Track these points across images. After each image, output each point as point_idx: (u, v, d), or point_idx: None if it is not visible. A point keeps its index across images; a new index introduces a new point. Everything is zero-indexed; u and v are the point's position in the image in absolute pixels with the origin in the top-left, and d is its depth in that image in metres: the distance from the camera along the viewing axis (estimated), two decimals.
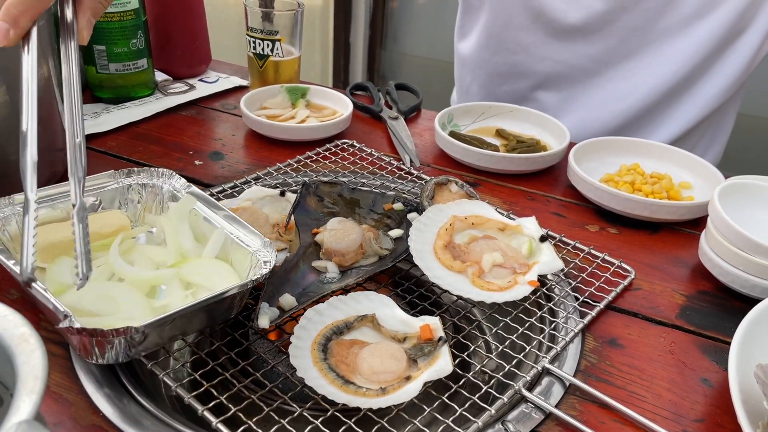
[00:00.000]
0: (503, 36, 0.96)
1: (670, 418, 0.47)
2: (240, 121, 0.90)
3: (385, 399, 0.45)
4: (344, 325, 0.51)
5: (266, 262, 0.50)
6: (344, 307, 0.53)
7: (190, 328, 0.49)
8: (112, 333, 0.41)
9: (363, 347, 0.50)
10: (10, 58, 0.60)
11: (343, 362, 0.48)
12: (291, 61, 0.95)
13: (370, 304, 0.53)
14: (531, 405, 0.48)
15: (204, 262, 0.53)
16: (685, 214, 0.70)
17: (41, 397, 0.33)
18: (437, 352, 0.49)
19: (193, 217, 0.57)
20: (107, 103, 0.91)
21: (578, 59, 0.93)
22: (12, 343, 0.37)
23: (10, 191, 0.65)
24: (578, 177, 0.73)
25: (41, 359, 0.36)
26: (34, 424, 0.30)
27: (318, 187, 0.66)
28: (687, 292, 0.61)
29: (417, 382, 0.46)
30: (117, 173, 0.60)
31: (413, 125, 0.93)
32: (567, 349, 0.53)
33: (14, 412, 0.33)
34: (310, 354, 0.48)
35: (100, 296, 0.48)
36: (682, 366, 0.52)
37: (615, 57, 0.92)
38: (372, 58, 2.49)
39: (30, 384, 0.34)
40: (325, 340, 0.49)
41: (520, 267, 0.59)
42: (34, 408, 0.33)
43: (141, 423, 0.44)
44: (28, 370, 0.35)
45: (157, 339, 0.46)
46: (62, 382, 0.47)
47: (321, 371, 0.47)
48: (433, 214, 0.63)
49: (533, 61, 0.96)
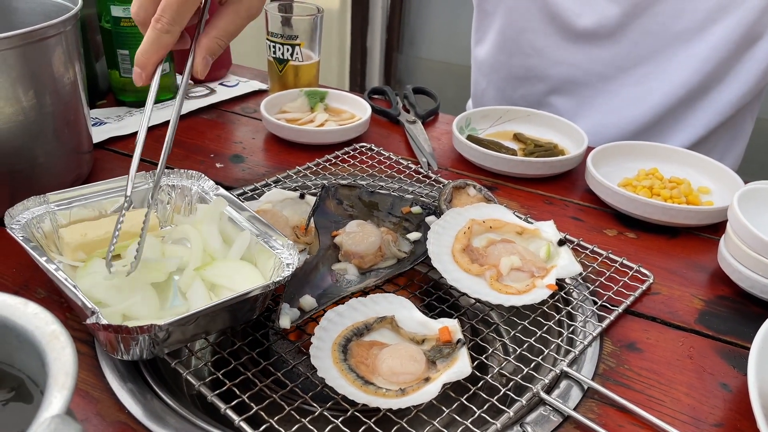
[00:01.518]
0: (518, 39, 0.97)
1: (689, 423, 0.47)
2: (260, 125, 0.91)
3: (405, 400, 0.45)
4: (364, 326, 0.52)
5: (288, 264, 0.50)
6: (364, 309, 0.53)
7: (212, 327, 0.50)
8: (136, 330, 0.42)
9: (382, 348, 0.50)
10: (38, 64, 0.62)
11: (362, 363, 0.49)
12: (310, 65, 0.96)
13: (389, 306, 0.54)
14: (549, 408, 0.48)
15: (228, 263, 0.54)
16: (704, 219, 0.70)
17: (72, 392, 0.34)
18: (456, 354, 0.49)
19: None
20: (130, 106, 0.92)
21: (593, 63, 0.93)
22: (43, 341, 0.38)
23: (38, 193, 0.67)
24: (597, 181, 0.74)
25: (71, 356, 0.37)
26: (66, 419, 0.31)
27: (337, 190, 0.67)
28: (706, 297, 0.61)
29: (436, 383, 0.46)
30: (148, 174, 0.61)
31: (431, 129, 0.94)
32: (585, 352, 0.53)
33: (46, 407, 0.33)
34: (330, 355, 0.49)
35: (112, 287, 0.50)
36: (701, 370, 0.52)
37: (629, 61, 0.92)
38: (389, 62, 2.50)
39: (61, 380, 0.35)
40: (345, 341, 0.50)
41: (538, 270, 0.59)
42: (65, 403, 0.33)
43: (165, 420, 0.45)
44: (59, 366, 0.36)
45: (180, 337, 0.47)
46: (88, 380, 0.48)
47: (341, 372, 0.47)
48: (451, 217, 0.64)
49: (548, 65, 0.96)
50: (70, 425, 0.30)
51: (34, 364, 0.39)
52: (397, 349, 0.49)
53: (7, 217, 0.52)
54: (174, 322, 0.44)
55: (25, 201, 0.55)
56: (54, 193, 0.56)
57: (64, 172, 0.69)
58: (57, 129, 0.66)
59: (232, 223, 0.58)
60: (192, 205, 0.61)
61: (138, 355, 0.46)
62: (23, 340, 0.39)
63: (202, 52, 0.52)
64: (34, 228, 0.54)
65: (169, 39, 0.50)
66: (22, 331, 0.39)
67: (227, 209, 0.58)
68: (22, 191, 0.65)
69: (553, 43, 0.94)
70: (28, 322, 0.39)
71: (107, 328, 0.42)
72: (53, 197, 0.56)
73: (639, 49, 0.89)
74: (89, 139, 0.74)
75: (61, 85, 0.65)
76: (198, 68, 0.52)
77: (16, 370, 0.40)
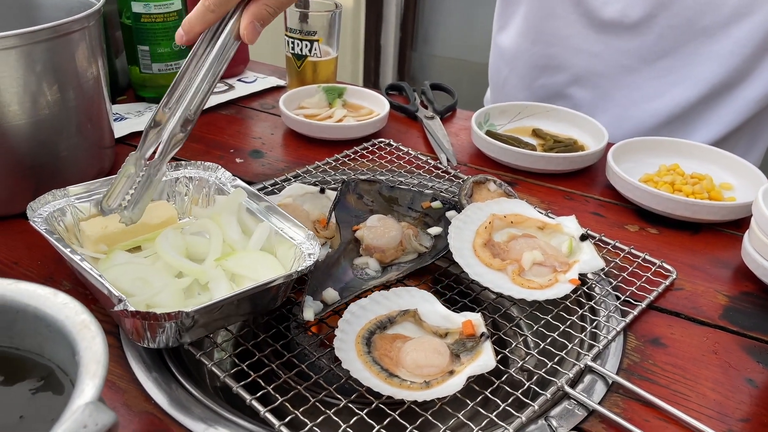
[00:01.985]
0: (542, 27, 0.96)
1: (715, 418, 0.47)
2: (278, 121, 0.91)
3: (430, 392, 0.45)
4: (387, 319, 0.52)
5: (310, 254, 0.51)
6: (386, 302, 0.53)
7: (235, 315, 0.50)
8: (164, 317, 0.43)
9: (406, 341, 0.50)
10: (62, 59, 0.63)
11: (386, 355, 0.49)
12: (328, 61, 0.96)
13: (412, 300, 0.54)
14: (574, 402, 0.48)
15: (249, 254, 0.54)
16: (728, 215, 0.69)
17: (103, 380, 0.35)
18: (480, 347, 0.49)
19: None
20: (150, 102, 0.93)
21: (615, 54, 0.92)
22: (74, 330, 0.38)
23: (62, 184, 0.67)
24: (618, 177, 0.73)
25: (102, 345, 0.37)
26: (99, 406, 0.31)
27: (357, 185, 0.67)
28: (730, 293, 0.61)
29: (460, 376, 0.46)
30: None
31: (449, 125, 0.94)
32: (609, 347, 0.53)
33: (78, 395, 0.34)
34: (354, 347, 0.49)
35: (137, 278, 0.50)
36: (727, 366, 0.52)
37: (652, 54, 0.91)
38: (402, 59, 2.50)
39: (93, 368, 0.35)
40: (368, 333, 0.50)
41: (561, 265, 0.59)
42: (97, 391, 0.34)
43: (190, 409, 0.45)
44: (90, 355, 0.36)
45: (205, 324, 0.48)
46: (114, 370, 0.48)
47: (365, 364, 0.47)
48: (472, 212, 0.64)
49: (570, 54, 0.95)
50: (104, 412, 0.30)
51: (63, 354, 0.39)
52: (421, 342, 0.49)
53: (29, 210, 0.52)
54: (200, 309, 0.44)
55: (46, 194, 0.55)
56: (74, 186, 0.57)
57: (87, 167, 0.70)
58: (80, 124, 0.67)
59: (251, 214, 0.58)
60: (210, 197, 0.62)
61: (164, 342, 0.46)
62: (53, 330, 0.39)
63: (249, 17, 0.52)
64: (55, 221, 0.54)
65: (212, 17, 0.53)
66: (52, 321, 0.39)
67: (245, 200, 0.58)
68: (46, 185, 0.66)
69: (577, 32, 0.93)
70: (59, 311, 0.39)
71: (135, 314, 0.43)
72: (73, 190, 0.57)
73: (663, 42, 0.88)
74: (111, 134, 0.74)
75: (85, 80, 0.66)
76: (245, 32, 0.52)
77: (45, 360, 0.41)
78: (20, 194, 0.65)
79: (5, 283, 0.41)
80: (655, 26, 0.88)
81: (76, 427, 0.29)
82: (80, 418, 0.30)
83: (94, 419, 0.30)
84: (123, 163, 0.53)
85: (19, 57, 0.59)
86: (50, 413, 0.37)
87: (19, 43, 0.58)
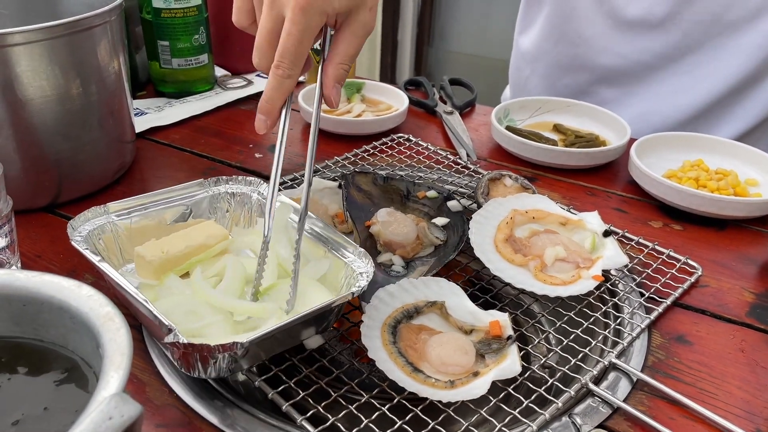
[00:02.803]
0: (565, 28, 0.95)
1: (742, 416, 0.46)
2: (297, 116, 0.91)
3: (454, 393, 0.45)
4: (414, 308, 0.51)
5: (361, 273, 0.49)
6: (414, 291, 0.53)
7: (289, 342, 0.48)
8: (218, 348, 0.41)
9: (432, 335, 0.50)
10: (84, 53, 0.63)
11: (411, 347, 0.49)
12: None
13: (440, 291, 0.53)
14: (598, 399, 0.47)
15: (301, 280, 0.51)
16: (754, 211, 0.68)
17: (128, 372, 0.35)
18: (506, 350, 0.49)
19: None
20: (169, 97, 0.93)
21: (640, 53, 0.91)
22: (98, 322, 0.38)
23: (84, 180, 0.68)
24: (641, 172, 0.72)
25: (126, 337, 0.37)
26: (125, 397, 0.31)
27: (354, 178, 0.66)
28: (757, 291, 0.60)
29: (485, 379, 0.46)
30: (206, 182, 0.59)
31: (468, 120, 0.93)
32: (633, 344, 0.52)
33: (103, 386, 0.34)
34: (380, 335, 0.48)
35: (189, 311, 0.48)
36: (754, 364, 0.51)
37: (677, 52, 0.89)
38: (419, 55, 2.49)
39: (117, 360, 0.35)
40: (395, 322, 0.50)
41: (584, 261, 0.58)
42: (122, 383, 0.34)
43: (212, 403, 0.45)
44: (114, 347, 0.36)
45: (256, 355, 0.46)
46: (137, 364, 0.49)
47: (390, 355, 0.47)
48: (493, 207, 0.63)
49: (594, 54, 0.95)
50: (129, 403, 0.30)
51: (87, 346, 0.39)
52: (449, 338, 0.49)
53: (70, 228, 0.51)
54: (254, 339, 0.41)
55: (86, 212, 0.53)
56: (114, 203, 0.54)
57: (109, 160, 0.70)
58: (102, 118, 0.67)
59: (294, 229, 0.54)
60: (251, 215, 0.59)
61: (215, 373, 0.45)
62: (77, 322, 0.40)
63: (330, 82, 0.51)
64: (96, 238, 0.52)
65: (290, 83, 0.50)
66: (77, 313, 0.40)
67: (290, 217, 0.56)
68: (69, 178, 0.66)
69: (601, 32, 0.92)
70: (83, 303, 0.40)
71: (188, 347, 0.41)
72: (113, 207, 0.54)
73: (688, 39, 0.87)
74: (132, 128, 0.75)
75: (107, 74, 0.66)
76: (330, 98, 0.51)
77: (69, 352, 0.41)
78: (43, 188, 0.65)
79: (30, 275, 0.41)
80: (680, 23, 0.87)
81: (102, 419, 0.29)
82: (106, 409, 0.30)
83: (120, 411, 0.30)
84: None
85: (42, 51, 0.59)
86: (74, 405, 0.37)
87: (42, 37, 0.58)
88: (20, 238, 0.62)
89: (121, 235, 0.54)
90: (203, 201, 0.59)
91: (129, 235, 0.55)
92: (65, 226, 0.50)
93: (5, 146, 0.61)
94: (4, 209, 0.52)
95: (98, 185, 0.70)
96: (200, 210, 0.59)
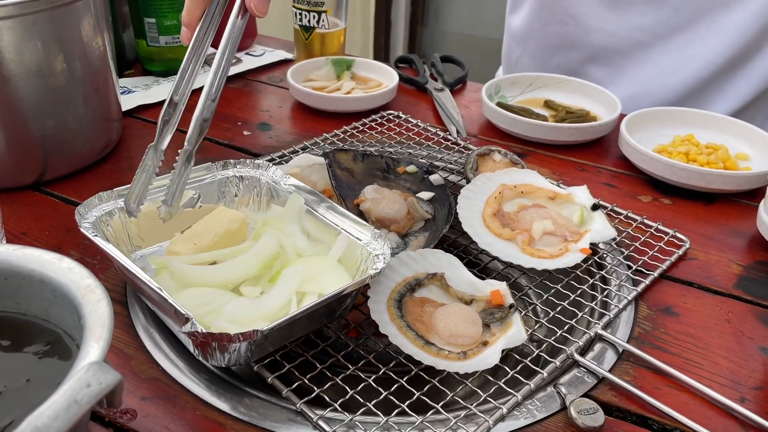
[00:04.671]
0: (554, 7, 0.94)
1: (727, 386, 0.46)
2: (286, 94, 0.90)
3: (468, 363, 0.45)
4: (415, 281, 0.51)
5: (378, 255, 0.48)
6: (413, 264, 0.53)
7: (309, 327, 0.48)
8: (238, 337, 0.40)
9: (436, 307, 0.50)
10: (67, 29, 0.62)
11: (418, 320, 0.49)
12: (337, 32, 0.95)
13: (438, 263, 0.53)
14: (583, 369, 0.47)
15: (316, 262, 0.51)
16: (743, 185, 0.68)
17: (108, 343, 0.35)
18: (510, 318, 0.49)
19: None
20: (157, 75, 0.92)
21: (630, 31, 0.91)
22: (79, 294, 0.38)
23: (70, 158, 0.67)
24: (631, 147, 0.72)
25: (107, 308, 0.37)
26: (104, 366, 0.31)
27: (335, 156, 0.65)
28: (744, 263, 0.60)
29: (494, 348, 0.46)
30: (213, 165, 0.58)
31: (459, 97, 0.92)
32: (620, 316, 0.52)
33: (83, 356, 0.34)
34: (386, 310, 0.48)
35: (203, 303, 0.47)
36: (740, 335, 0.51)
37: (668, 29, 0.89)
38: (413, 35, 2.47)
39: (98, 331, 0.35)
40: (399, 296, 0.50)
41: (572, 235, 0.58)
42: (102, 352, 0.34)
43: (198, 376, 0.45)
44: (95, 318, 0.36)
45: (276, 340, 0.46)
46: (122, 338, 0.48)
47: (400, 329, 0.47)
48: (482, 182, 0.63)
49: (584, 33, 0.94)
50: (107, 372, 0.30)
51: (69, 319, 0.39)
52: (455, 309, 0.49)
53: (78, 215, 0.49)
54: (274, 327, 0.41)
55: (93, 198, 0.51)
56: (122, 188, 0.53)
57: (94, 138, 0.69)
58: (87, 95, 0.66)
59: (310, 215, 0.55)
60: (261, 198, 0.59)
61: (234, 361, 0.44)
62: (59, 295, 0.39)
63: None
64: (103, 224, 0.51)
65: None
66: (58, 286, 0.39)
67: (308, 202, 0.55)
68: (54, 156, 0.66)
69: (590, 11, 0.91)
70: (64, 276, 0.39)
71: (207, 336, 0.40)
72: (119, 191, 0.53)
73: (679, 15, 0.86)
74: (118, 106, 0.74)
75: (90, 50, 0.65)
76: (251, 3, 0.49)
77: (52, 325, 0.41)
78: (29, 165, 0.65)
79: (11, 249, 0.41)
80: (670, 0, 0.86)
81: (80, 386, 0.29)
82: (84, 377, 0.30)
83: (98, 378, 0.30)
84: (142, 158, 0.51)
85: (24, 26, 0.58)
86: (56, 377, 0.37)
87: (19, 12, 0.57)
88: (5, 215, 0.62)
89: (128, 220, 0.53)
90: (212, 185, 0.58)
91: (137, 220, 0.53)
92: (51, 204, 0.49)
93: None
94: None
95: (84, 163, 0.69)
96: (209, 194, 0.58)
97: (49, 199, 0.65)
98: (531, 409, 0.44)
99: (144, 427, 0.42)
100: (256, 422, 0.42)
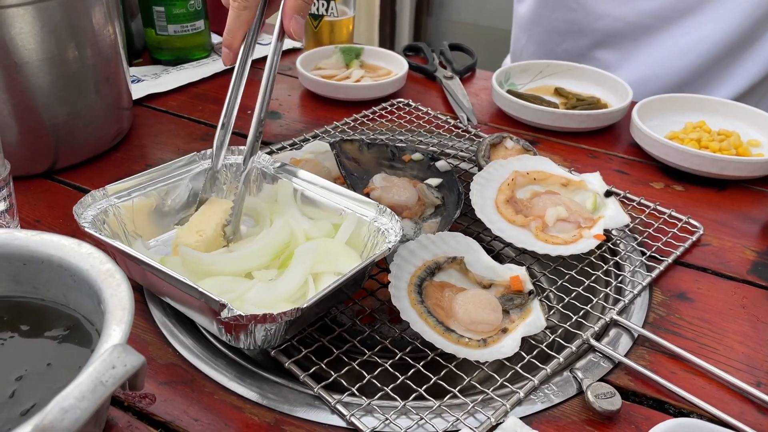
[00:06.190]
0: None
1: (743, 370, 0.46)
2: (295, 82, 0.90)
3: (489, 351, 0.45)
4: (435, 265, 0.51)
5: (388, 230, 0.49)
6: (433, 247, 0.53)
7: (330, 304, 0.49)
8: (281, 316, 0.40)
9: (455, 292, 0.50)
10: (78, 17, 0.62)
11: (438, 305, 0.49)
12: (345, 21, 0.94)
13: (458, 246, 0.53)
14: (599, 354, 0.47)
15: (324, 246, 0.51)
16: (756, 171, 0.67)
17: (130, 325, 0.35)
18: (529, 305, 0.49)
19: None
20: (166, 64, 0.92)
21: (637, 15, 0.90)
22: (99, 279, 0.38)
23: (82, 146, 0.67)
24: (643, 134, 0.71)
25: (127, 292, 0.37)
26: (127, 347, 0.31)
27: (342, 146, 0.65)
28: (758, 249, 0.59)
29: (514, 335, 0.46)
30: (198, 155, 0.58)
31: (468, 85, 0.92)
32: (634, 302, 0.52)
33: (106, 339, 0.34)
34: (407, 295, 0.48)
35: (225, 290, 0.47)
36: (755, 320, 0.51)
37: (675, 12, 0.88)
38: (418, 25, 2.46)
39: (119, 314, 0.35)
40: (419, 281, 0.50)
41: (585, 221, 0.58)
42: (124, 335, 0.34)
43: (214, 362, 0.46)
44: (116, 302, 0.36)
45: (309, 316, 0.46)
46: (139, 324, 0.49)
47: (420, 315, 0.47)
48: (494, 169, 0.63)
49: (592, 19, 0.94)
50: (132, 353, 0.30)
51: (88, 303, 0.39)
52: (474, 295, 0.49)
53: (76, 215, 0.49)
54: (313, 303, 0.41)
55: (86, 197, 0.51)
56: (112, 185, 0.53)
57: (106, 126, 0.69)
58: (98, 83, 0.66)
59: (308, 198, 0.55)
60: (251, 183, 0.58)
61: (267, 342, 0.44)
62: (78, 280, 0.40)
63: (289, 12, 0.52)
64: (99, 224, 0.50)
65: (247, 14, 0.52)
66: (77, 271, 0.39)
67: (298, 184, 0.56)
68: (66, 144, 0.66)
69: None
70: (83, 261, 0.39)
71: (250, 319, 0.39)
72: (112, 189, 0.52)
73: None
74: (129, 94, 0.74)
75: (101, 38, 0.65)
76: (290, 29, 0.52)
77: (70, 310, 0.41)
78: (41, 154, 0.65)
79: (30, 234, 0.41)
80: None
81: (105, 367, 0.29)
82: (108, 359, 0.30)
83: (122, 360, 0.30)
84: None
85: (36, 13, 0.58)
86: (77, 361, 0.37)
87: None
88: (19, 203, 0.62)
89: (123, 216, 0.53)
90: (201, 175, 0.57)
91: (131, 216, 0.53)
92: (64, 192, 0.49)
93: (1, 110, 0.61)
94: (2, 172, 0.52)
95: (96, 151, 0.69)
96: (200, 184, 0.57)
97: (62, 187, 0.65)
98: (548, 393, 0.44)
99: (163, 411, 0.42)
100: (275, 406, 0.42)
